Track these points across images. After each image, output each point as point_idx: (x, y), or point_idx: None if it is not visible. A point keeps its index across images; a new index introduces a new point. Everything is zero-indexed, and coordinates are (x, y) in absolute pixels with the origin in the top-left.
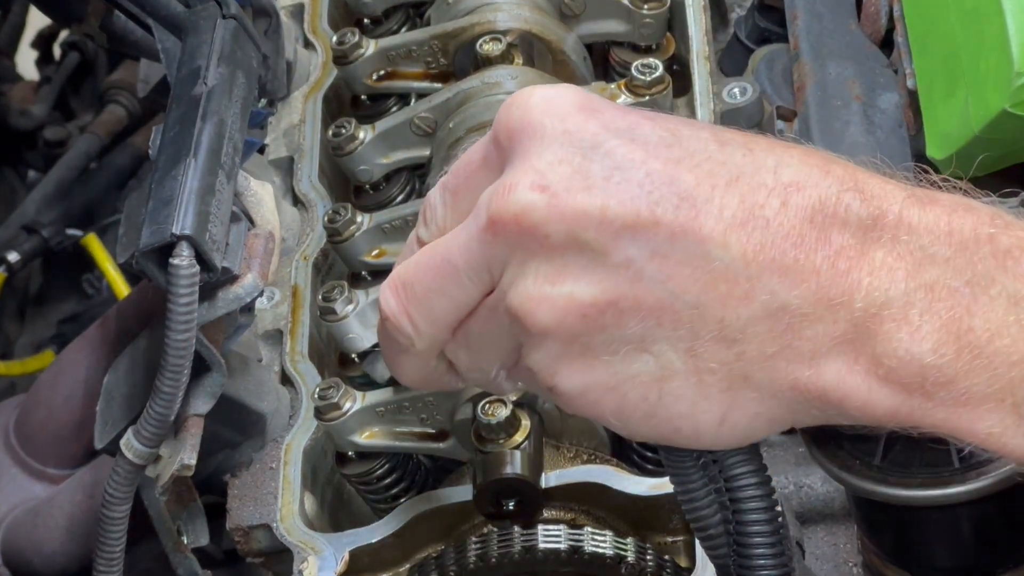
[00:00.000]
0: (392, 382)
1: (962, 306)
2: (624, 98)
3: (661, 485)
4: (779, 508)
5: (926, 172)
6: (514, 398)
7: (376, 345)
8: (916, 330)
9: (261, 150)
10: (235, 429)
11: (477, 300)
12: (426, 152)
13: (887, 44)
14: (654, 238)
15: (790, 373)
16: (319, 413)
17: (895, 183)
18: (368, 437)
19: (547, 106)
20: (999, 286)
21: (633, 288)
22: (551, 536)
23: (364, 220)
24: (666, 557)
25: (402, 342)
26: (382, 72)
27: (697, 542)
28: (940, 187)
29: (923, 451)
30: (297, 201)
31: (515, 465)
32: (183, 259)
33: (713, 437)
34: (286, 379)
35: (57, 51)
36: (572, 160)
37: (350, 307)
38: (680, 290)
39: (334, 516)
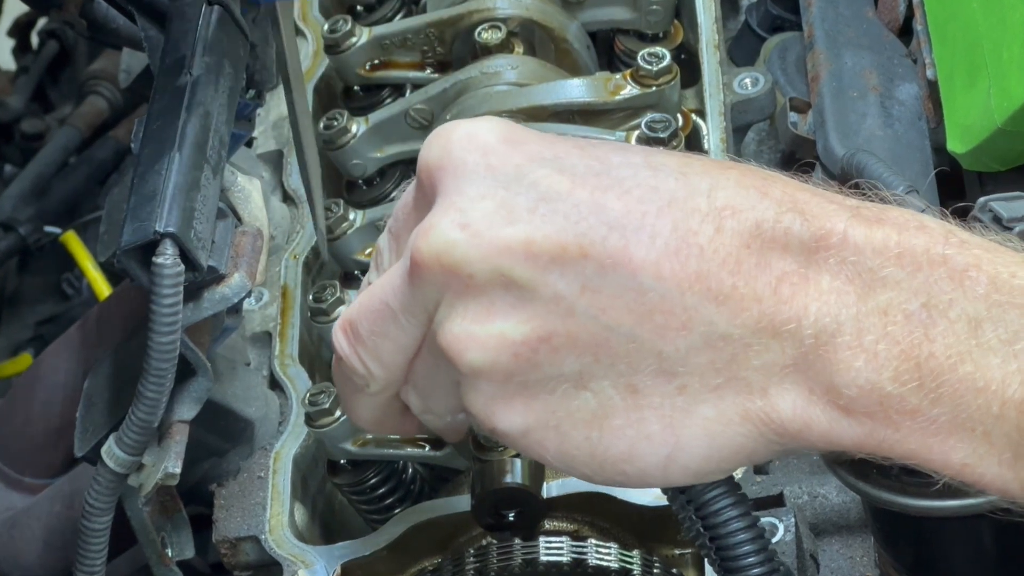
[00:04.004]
0: None
1: (920, 331)
2: (630, 88)
3: None
4: (758, 526)
5: (877, 188)
6: None
7: None
8: (873, 357)
9: (249, 143)
10: (222, 436)
11: (419, 340)
12: (421, 146)
13: (906, 32)
14: (583, 271)
15: (739, 404)
16: (310, 419)
17: (840, 201)
18: (361, 444)
19: (468, 141)
20: (958, 309)
21: (565, 324)
22: (553, 549)
23: (357, 217)
24: (674, 570)
25: (357, 383)
26: (376, 62)
27: None
28: (891, 202)
29: None
30: (287, 197)
31: (515, 474)
32: (167, 258)
33: (662, 480)
34: (275, 384)
35: (35, 39)
36: (495, 194)
37: (342, 308)
38: (615, 323)
39: (325, 527)
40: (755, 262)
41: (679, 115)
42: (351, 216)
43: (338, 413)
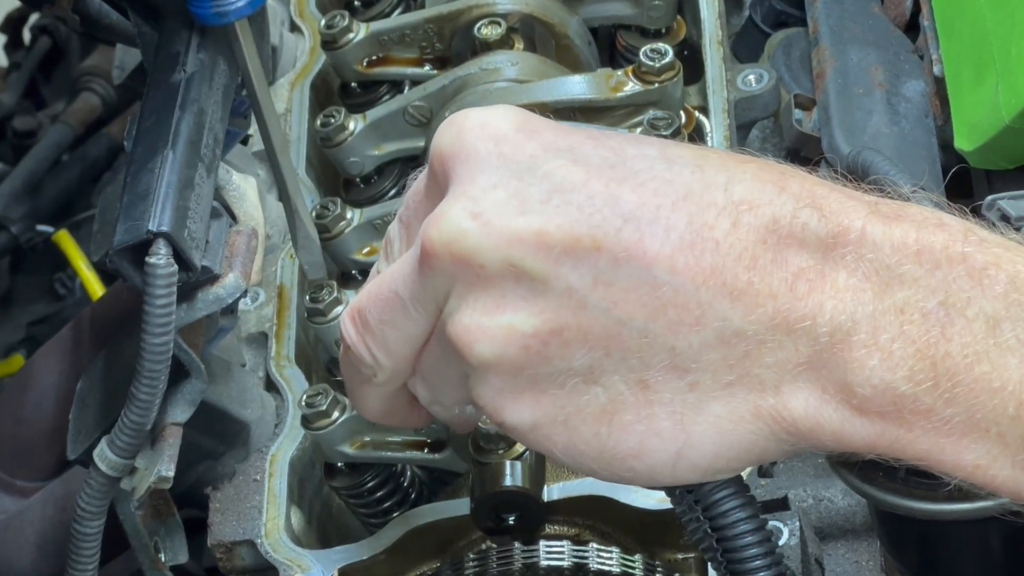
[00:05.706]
0: None
1: (937, 330)
2: (632, 85)
3: None
4: (767, 529)
5: (895, 185)
6: None
7: None
8: (888, 356)
9: (244, 141)
10: (217, 438)
11: (428, 330)
12: (420, 143)
13: (912, 28)
14: (596, 263)
15: (751, 402)
16: (306, 421)
17: (858, 197)
18: (359, 447)
19: (481, 130)
20: (976, 307)
21: (577, 317)
22: (554, 553)
23: (354, 216)
24: (676, 575)
25: (364, 372)
26: (374, 58)
27: None
28: (910, 199)
29: None
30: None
31: (515, 477)
32: (160, 258)
33: (671, 477)
34: (271, 385)
35: (27, 35)
36: (508, 184)
37: (339, 308)
38: (627, 317)
39: (322, 531)
40: (771, 258)
41: (682, 112)
42: (349, 215)
43: (335, 415)
